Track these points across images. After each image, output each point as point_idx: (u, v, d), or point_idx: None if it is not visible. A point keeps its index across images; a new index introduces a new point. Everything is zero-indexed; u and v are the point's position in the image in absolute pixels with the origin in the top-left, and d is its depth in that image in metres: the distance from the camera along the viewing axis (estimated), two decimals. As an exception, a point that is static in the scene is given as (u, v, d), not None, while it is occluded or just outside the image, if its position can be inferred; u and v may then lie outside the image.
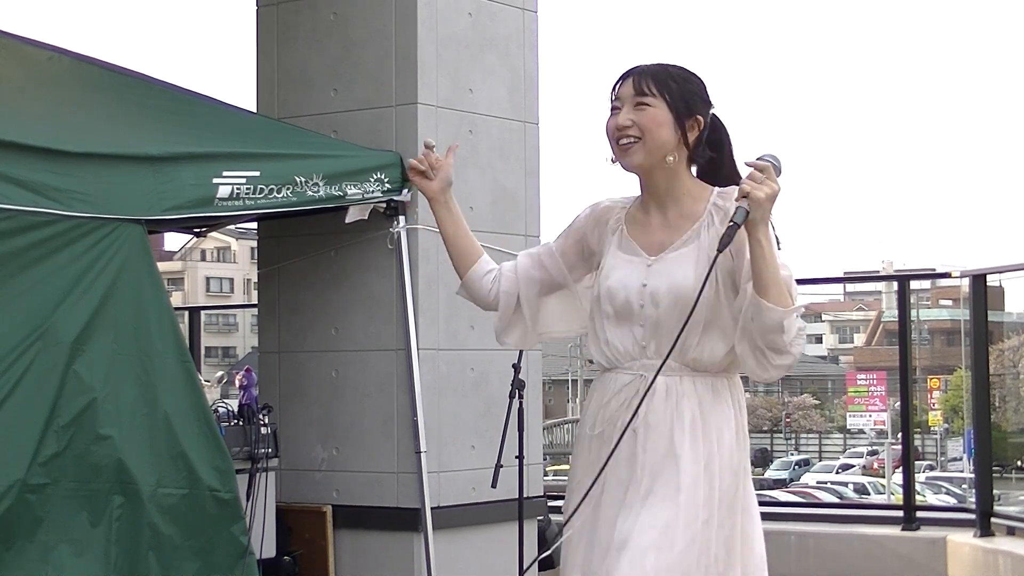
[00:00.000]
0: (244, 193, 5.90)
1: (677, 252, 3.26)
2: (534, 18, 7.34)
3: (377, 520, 6.65)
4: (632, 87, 3.27)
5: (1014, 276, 8.31)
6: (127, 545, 5.46)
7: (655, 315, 3.23)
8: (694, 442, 3.20)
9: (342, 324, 6.87)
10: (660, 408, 3.22)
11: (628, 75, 3.30)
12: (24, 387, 5.26)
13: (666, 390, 3.23)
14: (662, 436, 3.21)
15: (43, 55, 6.51)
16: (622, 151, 3.27)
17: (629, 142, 3.25)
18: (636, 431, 3.22)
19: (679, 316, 3.18)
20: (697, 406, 3.23)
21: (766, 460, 45.91)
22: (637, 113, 3.25)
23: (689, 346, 3.21)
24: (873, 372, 27.97)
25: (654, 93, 3.25)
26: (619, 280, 3.29)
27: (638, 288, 3.26)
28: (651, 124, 3.24)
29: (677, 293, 3.20)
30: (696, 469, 3.18)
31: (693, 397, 3.24)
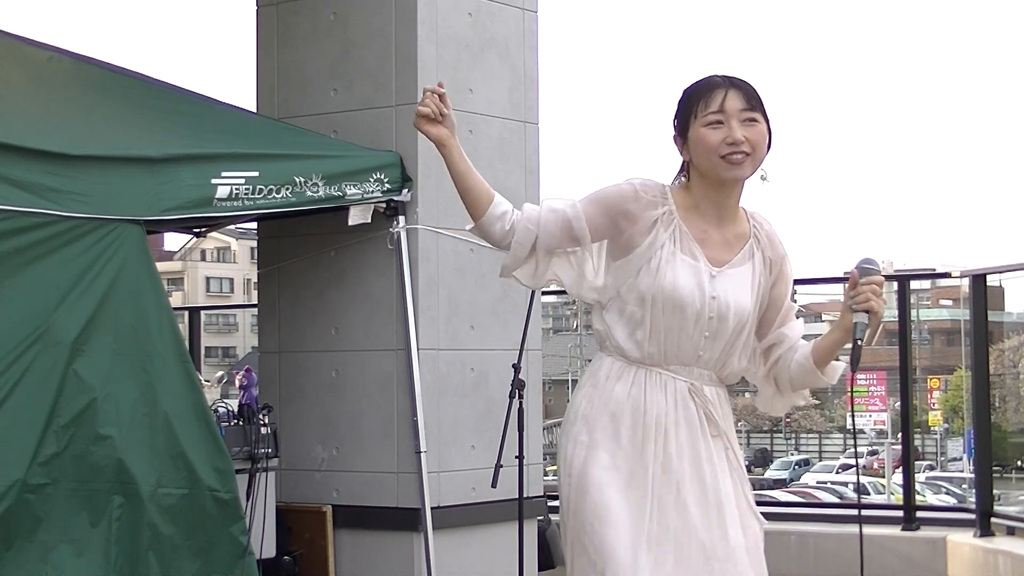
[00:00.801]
0: (243, 193, 5.91)
1: (736, 270, 3.36)
2: (534, 18, 7.34)
3: (377, 520, 6.64)
4: (742, 101, 3.28)
5: (1014, 276, 8.32)
6: (127, 545, 5.47)
7: (717, 328, 3.33)
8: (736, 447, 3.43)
9: (342, 324, 6.87)
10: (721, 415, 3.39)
11: (729, 87, 3.29)
12: (24, 387, 5.27)
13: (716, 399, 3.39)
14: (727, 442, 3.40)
15: (43, 55, 6.51)
16: (732, 164, 3.27)
17: (742, 158, 3.27)
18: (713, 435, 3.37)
19: (735, 334, 3.34)
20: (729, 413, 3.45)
21: (766, 460, 45.90)
22: (747, 129, 3.27)
23: (731, 362, 3.38)
24: (873, 372, 27.96)
25: (760, 109, 3.31)
26: (687, 284, 3.30)
27: (707, 298, 3.31)
28: (761, 141, 3.30)
29: (740, 312, 3.34)
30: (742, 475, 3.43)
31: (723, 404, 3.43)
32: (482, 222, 3.41)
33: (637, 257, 3.31)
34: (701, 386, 3.36)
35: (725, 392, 3.43)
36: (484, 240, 3.48)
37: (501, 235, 3.41)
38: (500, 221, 3.40)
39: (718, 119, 3.26)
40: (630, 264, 3.33)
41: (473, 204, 3.40)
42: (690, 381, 3.33)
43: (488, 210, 3.39)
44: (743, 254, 3.35)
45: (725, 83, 3.29)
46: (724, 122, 3.25)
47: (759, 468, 43.22)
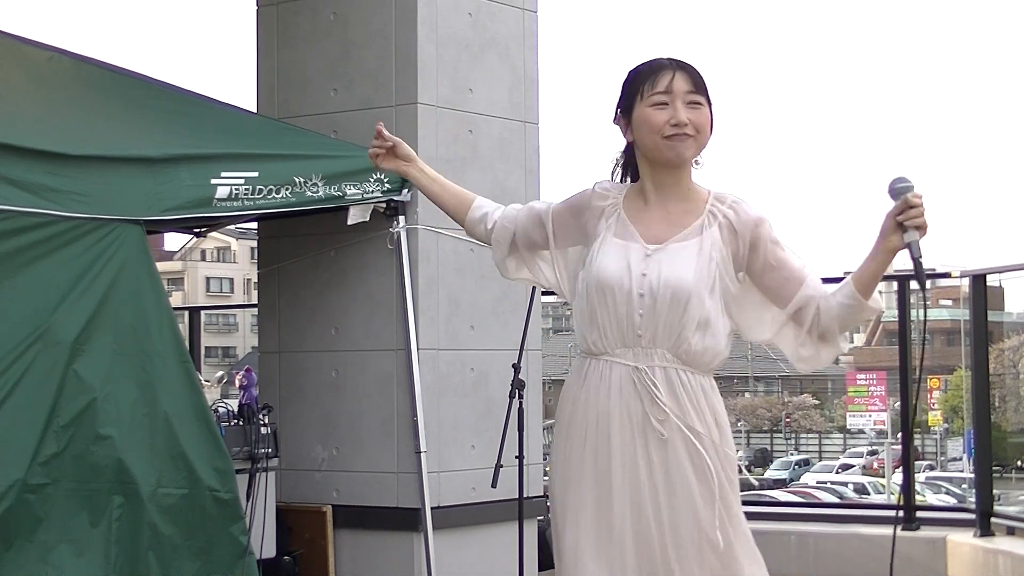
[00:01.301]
0: (243, 194, 5.91)
1: (679, 244, 3.30)
2: (534, 18, 7.34)
3: (377, 520, 6.65)
4: (688, 84, 3.30)
5: (1014, 276, 8.32)
6: (127, 545, 5.47)
7: (650, 304, 3.27)
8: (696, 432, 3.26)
9: (342, 324, 6.87)
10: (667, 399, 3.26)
11: (676, 69, 3.31)
12: (24, 387, 5.27)
13: (667, 380, 3.27)
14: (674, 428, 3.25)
15: (43, 55, 6.51)
16: (675, 143, 3.28)
17: (685, 139, 3.28)
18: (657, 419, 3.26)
19: (676, 309, 3.25)
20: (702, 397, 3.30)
21: (766, 460, 45.90)
22: (691, 111, 3.29)
23: (686, 339, 3.26)
24: (873, 372, 27.98)
25: (705, 93, 3.32)
26: (615, 265, 3.31)
27: (638, 276, 3.29)
28: (705, 124, 3.31)
29: (675, 285, 3.25)
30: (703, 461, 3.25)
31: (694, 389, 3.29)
32: (466, 227, 3.61)
33: (586, 253, 3.40)
34: (649, 368, 3.27)
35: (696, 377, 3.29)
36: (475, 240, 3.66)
37: (484, 235, 3.58)
38: (482, 223, 3.57)
39: (664, 100, 3.28)
40: (583, 261, 3.41)
41: (453, 214, 3.62)
42: (635, 364, 3.27)
43: (468, 215, 3.58)
44: (690, 230, 3.30)
45: (673, 65, 3.31)
46: (669, 103, 3.28)
47: (759, 468, 43.22)
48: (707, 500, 3.23)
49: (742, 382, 54.24)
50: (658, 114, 3.28)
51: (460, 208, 3.59)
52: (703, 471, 3.24)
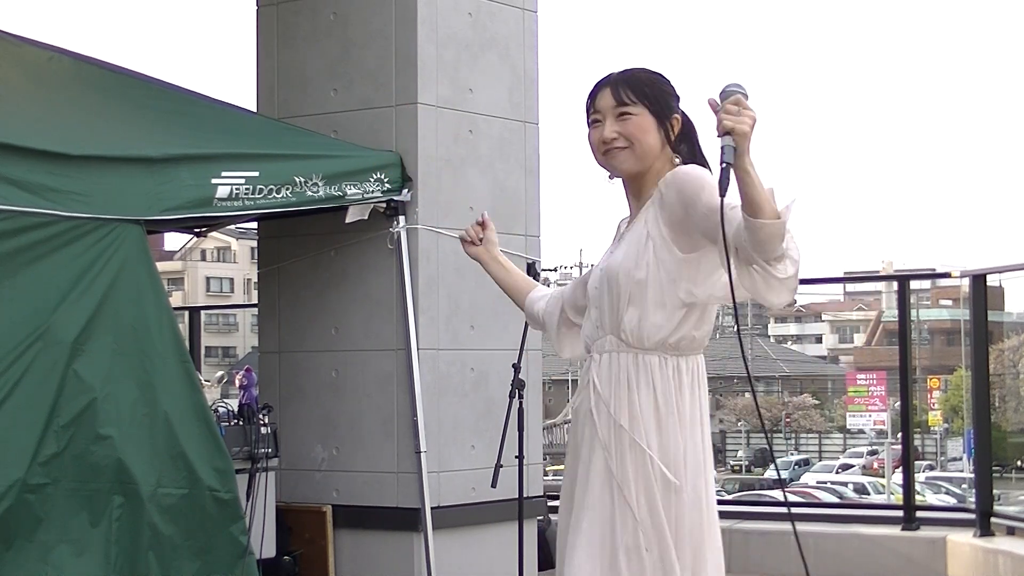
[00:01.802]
0: (243, 193, 5.91)
1: (629, 235, 3.38)
2: (534, 18, 7.34)
3: (377, 520, 6.65)
4: (611, 98, 3.34)
5: (1014, 276, 8.31)
6: (127, 545, 5.46)
7: (598, 295, 3.38)
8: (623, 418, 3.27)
9: (342, 324, 6.87)
10: (604, 380, 3.32)
11: (603, 86, 3.38)
12: (24, 387, 5.27)
13: (608, 364, 3.33)
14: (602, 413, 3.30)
15: (43, 55, 6.52)
16: (610, 158, 3.34)
17: (618, 151, 3.33)
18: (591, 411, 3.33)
19: (610, 292, 3.32)
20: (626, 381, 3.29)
21: (766, 460, 45.87)
22: (621, 124, 3.33)
23: (623, 319, 3.29)
24: (873, 372, 27.97)
25: (634, 101, 3.33)
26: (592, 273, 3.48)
27: (597, 274, 3.42)
28: (637, 132, 3.32)
29: (610, 275, 3.34)
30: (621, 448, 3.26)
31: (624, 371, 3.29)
32: (526, 311, 3.79)
33: None
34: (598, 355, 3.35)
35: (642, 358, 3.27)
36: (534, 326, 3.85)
37: (537, 317, 3.75)
38: (536, 305, 3.76)
39: (597, 118, 3.36)
40: None
41: (514, 299, 3.82)
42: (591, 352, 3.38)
43: (526, 301, 3.77)
44: (639, 218, 3.35)
45: (603, 82, 3.38)
46: (601, 120, 3.35)
47: (759, 468, 43.19)
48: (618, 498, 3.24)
49: (742, 382, 54.24)
50: (593, 133, 3.38)
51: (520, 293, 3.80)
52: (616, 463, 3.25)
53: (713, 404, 51.01)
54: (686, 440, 3.27)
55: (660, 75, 3.41)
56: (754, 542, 7.93)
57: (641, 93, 3.33)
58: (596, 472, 3.28)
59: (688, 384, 3.31)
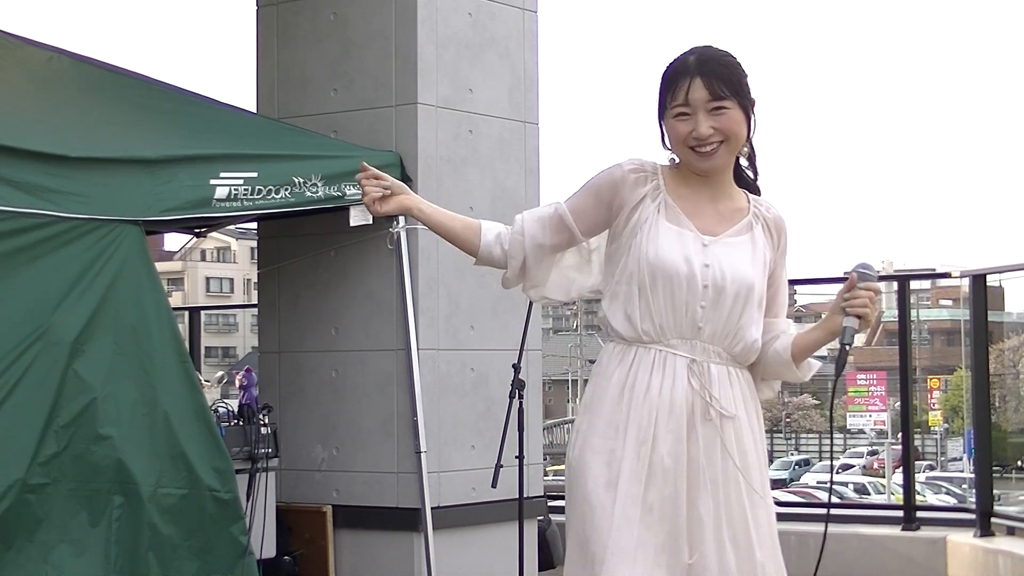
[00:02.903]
0: (242, 194, 5.91)
1: (735, 239, 3.24)
2: (534, 18, 7.34)
3: (377, 520, 6.64)
4: (705, 91, 3.16)
5: (1014, 276, 8.31)
6: (127, 545, 5.46)
7: (716, 299, 3.19)
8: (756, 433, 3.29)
9: (342, 324, 6.87)
10: (728, 396, 3.21)
11: (694, 76, 3.17)
12: (24, 387, 5.27)
13: (729, 378, 3.23)
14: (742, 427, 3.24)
15: (43, 56, 6.51)
16: (704, 157, 3.19)
17: (713, 149, 3.18)
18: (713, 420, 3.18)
19: (737, 303, 3.20)
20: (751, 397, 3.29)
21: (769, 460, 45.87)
22: (716, 118, 3.17)
23: (742, 336, 3.22)
24: (873, 372, 27.95)
25: (728, 95, 3.18)
26: (675, 252, 3.19)
27: (700, 267, 3.19)
28: (735, 127, 3.19)
29: (741, 283, 3.20)
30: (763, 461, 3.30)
31: (745, 387, 3.28)
32: (480, 255, 3.42)
33: (627, 235, 3.24)
34: (706, 363, 3.19)
35: (744, 373, 3.26)
36: (492, 268, 3.48)
37: (501, 256, 3.42)
38: (497, 244, 3.42)
39: (685, 111, 3.16)
40: (622, 245, 3.26)
41: (464, 245, 3.43)
42: (692, 356, 3.18)
43: (480, 242, 3.42)
44: (741, 226, 3.24)
45: (692, 71, 3.17)
46: (691, 114, 3.17)
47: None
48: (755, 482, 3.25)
49: (742, 381, 54.24)
50: (680, 126, 3.18)
51: (470, 236, 3.42)
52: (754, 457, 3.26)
53: (713, 404, 50.90)
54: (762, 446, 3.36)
55: (736, 59, 3.27)
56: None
57: (732, 85, 3.19)
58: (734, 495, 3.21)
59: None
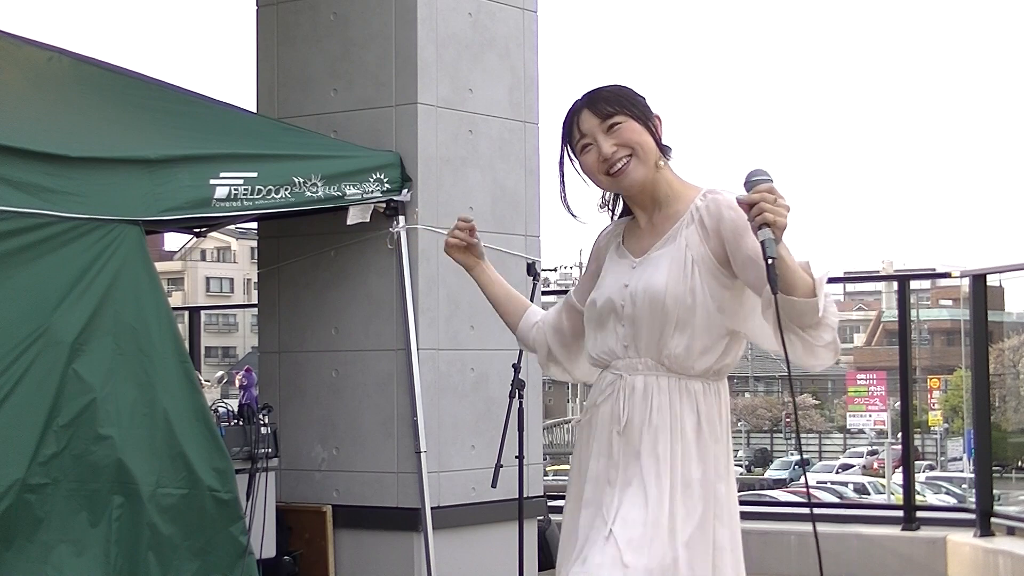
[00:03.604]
0: (242, 194, 5.91)
1: (658, 252, 3.27)
2: (534, 18, 7.34)
3: (377, 520, 6.64)
4: (594, 117, 3.26)
5: (1014, 276, 8.32)
6: (127, 545, 5.46)
7: (632, 314, 3.26)
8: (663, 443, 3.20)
9: (342, 324, 6.87)
10: (638, 408, 3.24)
11: (581, 109, 3.29)
12: (24, 387, 5.27)
13: (644, 388, 3.25)
14: (634, 435, 3.22)
15: (43, 56, 6.51)
16: (618, 175, 3.25)
17: (624, 164, 3.24)
18: (617, 432, 3.25)
19: (653, 315, 3.22)
20: (668, 406, 3.23)
21: (766, 460, 45.87)
22: (614, 135, 3.24)
23: (664, 344, 3.22)
24: (873, 372, 27.94)
25: (616, 110, 3.26)
26: (607, 284, 3.35)
27: (620, 289, 3.29)
28: (634, 137, 3.24)
29: (651, 292, 3.22)
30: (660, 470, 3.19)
31: (665, 396, 3.24)
32: (518, 335, 3.65)
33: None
34: (631, 376, 3.26)
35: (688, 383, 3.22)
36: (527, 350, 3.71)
37: (533, 343, 3.62)
38: (531, 330, 3.61)
39: (586, 143, 3.27)
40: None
41: (506, 317, 3.66)
42: (620, 372, 3.27)
43: (520, 323, 3.63)
44: (667, 236, 3.25)
45: (578, 107, 3.29)
46: (592, 143, 3.26)
47: (759, 468, 43.19)
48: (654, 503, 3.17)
49: (742, 382, 54.25)
50: (588, 157, 3.27)
51: (515, 313, 3.63)
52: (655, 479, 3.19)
53: (713, 404, 50.90)
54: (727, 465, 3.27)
55: (625, 88, 3.34)
56: (754, 542, 7.93)
57: (618, 102, 3.27)
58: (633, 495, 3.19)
59: (725, 408, 3.31)
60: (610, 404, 3.29)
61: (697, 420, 3.23)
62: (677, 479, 3.19)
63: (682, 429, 3.22)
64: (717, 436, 3.25)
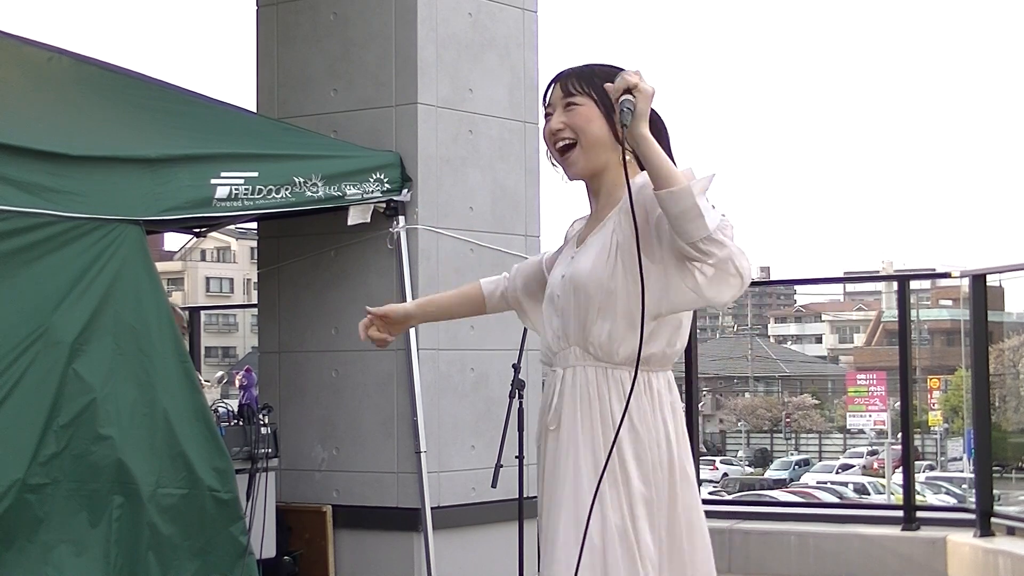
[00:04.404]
0: (242, 194, 5.91)
1: (592, 239, 3.22)
2: (534, 18, 7.34)
3: (377, 520, 6.64)
4: (560, 90, 3.23)
5: (1014, 276, 8.31)
6: (127, 545, 5.46)
7: (564, 305, 3.22)
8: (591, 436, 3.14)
9: (342, 324, 6.87)
10: (567, 401, 3.19)
11: (555, 80, 3.28)
12: (24, 387, 5.27)
13: (572, 381, 3.20)
14: (565, 431, 3.18)
15: (43, 56, 6.51)
16: (562, 157, 3.22)
17: (565, 144, 3.21)
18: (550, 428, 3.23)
19: (578, 302, 3.17)
20: (597, 397, 3.16)
21: (766, 460, 45.90)
22: (567, 114, 3.21)
23: (592, 332, 3.16)
24: (873, 372, 27.96)
25: (580, 91, 3.21)
26: (552, 277, 3.34)
27: (559, 280, 3.26)
28: (582, 122, 3.20)
29: (576, 280, 3.18)
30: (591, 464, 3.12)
31: (594, 387, 3.17)
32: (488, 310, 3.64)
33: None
34: (562, 370, 3.21)
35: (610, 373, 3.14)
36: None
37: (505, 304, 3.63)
38: (499, 294, 3.62)
39: (549, 112, 3.26)
40: None
41: (475, 313, 3.62)
42: (555, 367, 3.23)
43: (486, 302, 3.62)
44: (604, 222, 3.18)
45: (557, 76, 3.27)
46: (551, 114, 3.25)
47: (759, 468, 43.21)
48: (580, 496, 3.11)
49: (742, 382, 54.23)
50: (544, 128, 3.28)
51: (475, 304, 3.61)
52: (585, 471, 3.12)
53: (713, 404, 51.01)
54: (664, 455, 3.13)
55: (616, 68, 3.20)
56: (754, 542, 7.94)
57: (589, 83, 3.21)
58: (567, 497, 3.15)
59: (660, 400, 3.17)
60: (545, 400, 3.26)
61: (626, 410, 3.11)
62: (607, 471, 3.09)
63: (613, 420, 3.12)
64: (651, 426, 3.13)
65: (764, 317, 77.01)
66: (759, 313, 77.93)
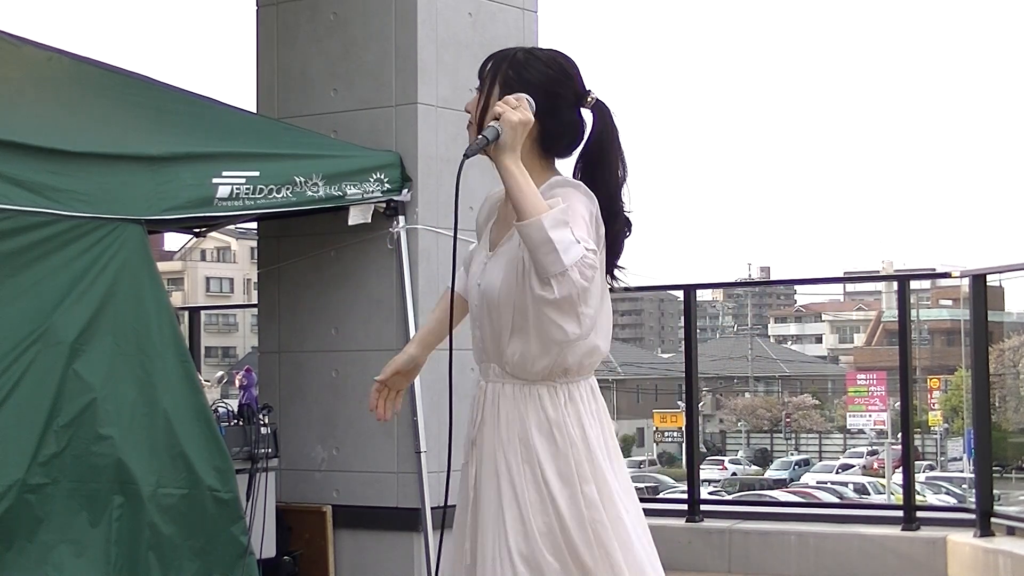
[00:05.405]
0: (243, 193, 5.91)
1: (505, 247, 3.14)
2: (534, 18, 7.34)
3: (377, 520, 6.64)
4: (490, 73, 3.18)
5: (1014, 276, 8.31)
6: (127, 545, 5.46)
7: (479, 316, 3.16)
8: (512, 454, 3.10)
9: (342, 324, 6.87)
10: (488, 417, 3.18)
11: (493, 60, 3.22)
12: (24, 387, 5.27)
13: (493, 397, 3.17)
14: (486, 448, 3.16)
15: (42, 55, 6.51)
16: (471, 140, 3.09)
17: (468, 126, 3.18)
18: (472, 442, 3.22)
19: (492, 320, 3.10)
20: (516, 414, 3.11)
21: (766, 460, 45.92)
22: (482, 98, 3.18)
23: (502, 351, 3.09)
24: (873, 372, 28.00)
25: (485, 80, 3.19)
26: (470, 278, 3.25)
27: (475, 287, 3.19)
28: (477, 109, 3.22)
29: (488, 297, 3.11)
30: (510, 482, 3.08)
31: (511, 402, 3.12)
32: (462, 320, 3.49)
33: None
34: (485, 383, 3.17)
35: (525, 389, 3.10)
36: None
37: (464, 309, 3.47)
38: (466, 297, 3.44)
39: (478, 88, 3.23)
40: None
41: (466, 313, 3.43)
42: (480, 379, 3.17)
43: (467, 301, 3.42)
44: (512, 232, 3.08)
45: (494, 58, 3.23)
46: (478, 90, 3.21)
47: (759, 468, 43.24)
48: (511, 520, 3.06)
49: (742, 382, 54.25)
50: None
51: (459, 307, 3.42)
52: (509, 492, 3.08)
53: (713, 404, 51.03)
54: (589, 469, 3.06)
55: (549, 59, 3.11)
56: (754, 542, 7.93)
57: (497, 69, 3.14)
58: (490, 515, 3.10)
59: (584, 410, 3.10)
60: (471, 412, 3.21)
61: (547, 426, 3.06)
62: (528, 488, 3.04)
63: (531, 436, 3.07)
64: (573, 440, 3.06)
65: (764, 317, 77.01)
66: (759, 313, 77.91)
